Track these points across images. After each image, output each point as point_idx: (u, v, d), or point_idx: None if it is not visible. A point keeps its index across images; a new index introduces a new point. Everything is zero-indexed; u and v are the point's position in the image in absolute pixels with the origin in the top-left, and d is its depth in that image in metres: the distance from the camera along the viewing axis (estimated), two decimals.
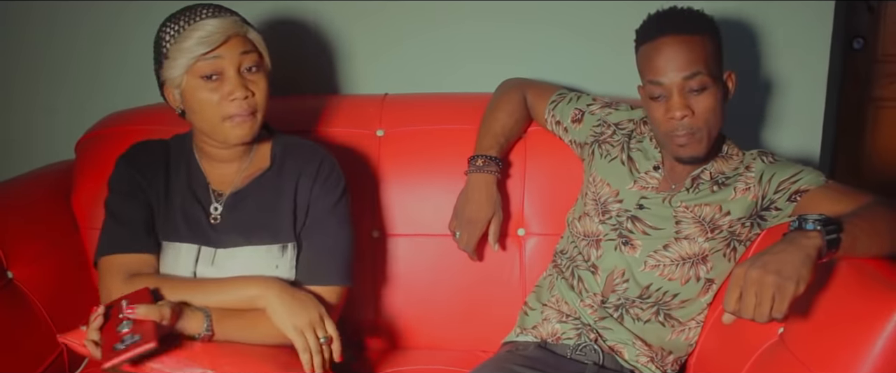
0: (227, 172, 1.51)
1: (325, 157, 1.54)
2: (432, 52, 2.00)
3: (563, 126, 1.71)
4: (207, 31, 1.38)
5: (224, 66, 1.40)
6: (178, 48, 1.38)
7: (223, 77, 1.40)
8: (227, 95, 1.40)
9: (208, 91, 1.40)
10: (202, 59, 1.38)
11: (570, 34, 1.96)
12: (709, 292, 1.54)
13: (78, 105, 2.11)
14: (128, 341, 1.21)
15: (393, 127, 1.81)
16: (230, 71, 1.40)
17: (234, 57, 1.40)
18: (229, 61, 1.40)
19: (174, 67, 1.40)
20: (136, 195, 1.48)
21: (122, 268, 1.41)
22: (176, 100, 1.45)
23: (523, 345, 1.60)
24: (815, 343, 1.22)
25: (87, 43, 2.08)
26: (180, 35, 1.39)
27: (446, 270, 1.77)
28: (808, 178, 1.45)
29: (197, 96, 1.40)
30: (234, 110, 1.40)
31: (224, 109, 1.40)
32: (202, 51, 1.38)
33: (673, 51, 1.42)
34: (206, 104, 1.40)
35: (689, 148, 1.46)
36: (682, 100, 1.43)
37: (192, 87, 1.40)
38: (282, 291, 1.38)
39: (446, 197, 1.71)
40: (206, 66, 1.39)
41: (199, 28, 1.38)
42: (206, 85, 1.40)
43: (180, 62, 1.39)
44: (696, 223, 1.51)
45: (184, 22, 1.39)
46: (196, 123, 1.45)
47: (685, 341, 1.56)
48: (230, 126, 1.42)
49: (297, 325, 1.35)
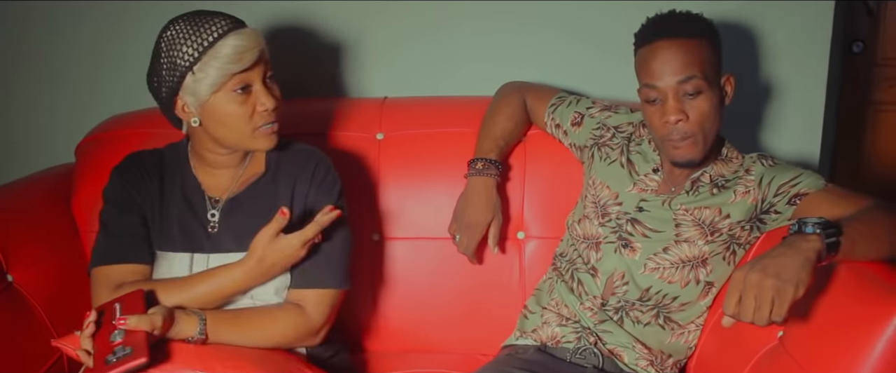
0: (223, 179, 1.51)
1: (321, 160, 1.54)
2: (432, 56, 2.01)
3: (562, 129, 1.71)
4: (240, 47, 1.37)
5: (253, 79, 1.41)
6: (207, 65, 1.37)
7: (252, 90, 1.41)
8: (259, 107, 1.41)
9: (238, 105, 1.40)
10: (236, 75, 1.38)
11: (569, 37, 1.96)
12: (708, 295, 1.54)
13: (78, 108, 2.11)
14: (119, 353, 1.20)
15: (393, 130, 1.81)
16: (257, 83, 1.41)
17: (260, 70, 1.42)
18: (257, 74, 1.41)
19: (201, 84, 1.38)
20: (129, 207, 1.48)
21: (111, 279, 1.42)
22: (190, 112, 1.42)
23: (523, 348, 1.60)
24: (815, 347, 1.22)
25: (88, 45, 2.08)
26: (208, 50, 1.36)
27: (446, 274, 1.77)
28: (807, 181, 1.45)
29: (227, 110, 1.40)
30: (265, 120, 1.42)
31: (255, 121, 1.42)
32: (238, 69, 1.38)
33: (668, 54, 1.42)
34: (236, 118, 1.41)
35: (684, 152, 1.46)
36: (677, 104, 1.43)
37: (221, 102, 1.40)
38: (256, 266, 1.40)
39: (446, 200, 1.71)
40: (238, 80, 1.39)
41: (228, 45, 1.36)
42: (237, 98, 1.40)
43: (210, 80, 1.37)
44: (695, 226, 1.51)
45: (205, 33, 1.37)
46: (219, 134, 1.43)
47: (685, 344, 1.56)
48: (262, 136, 1.43)
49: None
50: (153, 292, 1.38)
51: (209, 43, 1.36)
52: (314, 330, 1.47)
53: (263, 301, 1.47)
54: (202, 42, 1.36)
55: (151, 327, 1.27)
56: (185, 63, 1.37)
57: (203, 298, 1.39)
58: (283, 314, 1.45)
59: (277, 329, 1.43)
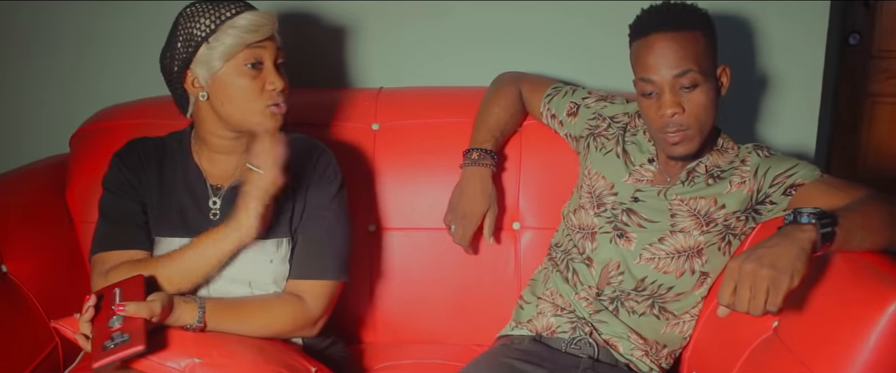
0: (226, 166, 1.51)
1: (323, 151, 1.55)
2: (428, 47, 2.00)
3: (558, 119, 1.71)
4: (256, 22, 1.40)
5: (265, 56, 1.43)
6: (224, 34, 1.39)
7: (263, 68, 1.42)
8: (268, 85, 1.42)
9: (248, 79, 1.41)
10: (249, 48, 1.40)
11: (565, 28, 1.96)
12: (704, 285, 1.54)
13: (72, 99, 2.10)
14: (117, 339, 1.21)
15: (388, 121, 1.81)
16: (269, 62, 1.43)
17: (272, 50, 1.44)
18: (269, 53, 1.43)
19: (214, 53, 1.40)
20: (128, 193, 1.48)
21: (110, 265, 1.43)
22: (199, 86, 1.43)
23: (518, 339, 1.60)
24: (810, 336, 1.22)
25: (82, 36, 2.07)
26: (225, 22, 1.39)
27: (441, 264, 1.77)
28: (802, 172, 1.45)
29: (237, 83, 1.41)
30: (273, 99, 1.43)
31: (264, 98, 1.42)
32: (253, 39, 1.40)
33: (664, 48, 1.42)
34: (245, 91, 1.41)
35: (681, 146, 1.47)
36: (673, 97, 1.43)
37: (231, 74, 1.41)
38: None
39: (441, 191, 1.71)
40: (250, 54, 1.41)
41: (245, 18, 1.40)
42: (248, 72, 1.41)
43: (223, 49, 1.39)
44: (691, 216, 1.51)
45: (224, 11, 1.40)
46: (225, 110, 1.43)
47: (680, 334, 1.57)
48: (268, 114, 1.43)
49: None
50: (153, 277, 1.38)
51: (227, 16, 1.40)
52: (312, 320, 1.47)
53: (262, 291, 1.47)
54: (220, 16, 1.40)
55: (150, 314, 1.27)
56: (202, 33, 1.40)
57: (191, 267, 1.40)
58: (281, 304, 1.45)
59: (276, 319, 1.44)
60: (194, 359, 1.30)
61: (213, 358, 1.31)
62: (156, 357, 1.28)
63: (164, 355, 1.29)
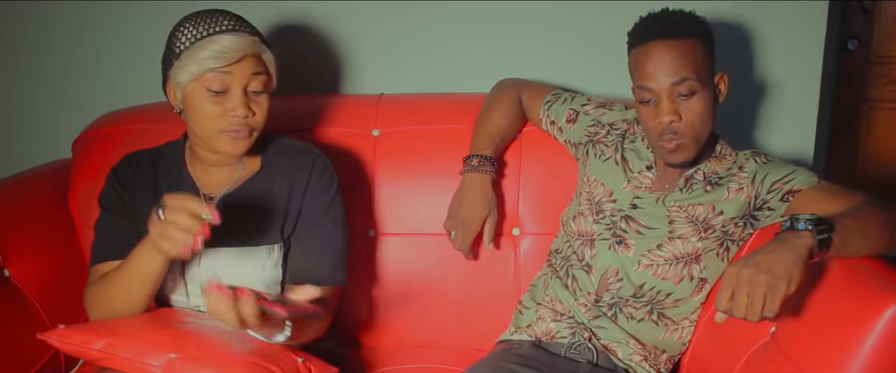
0: (219, 176, 1.52)
1: (317, 157, 1.55)
2: (428, 53, 2.01)
3: (557, 126, 1.72)
4: (223, 47, 1.38)
5: (232, 83, 1.41)
6: (190, 56, 1.38)
7: (228, 93, 1.41)
8: (229, 111, 1.41)
9: (211, 103, 1.40)
10: (212, 72, 1.39)
11: (565, 35, 1.96)
12: (702, 291, 1.55)
13: (76, 104, 2.11)
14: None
15: (389, 127, 1.81)
16: (237, 89, 1.41)
17: (243, 76, 1.41)
18: (238, 79, 1.41)
19: (183, 72, 1.40)
20: (120, 209, 1.50)
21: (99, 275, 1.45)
22: (176, 99, 1.45)
23: (518, 344, 1.61)
24: (807, 342, 1.23)
25: (86, 42, 2.08)
26: (197, 43, 1.39)
27: (441, 270, 1.78)
28: (800, 178, 1.45)
29: (199, 104, 1.41)
30: (232, 126, 1.41)
31: (222, 122, 1.41)
32: (214, 65, 1.38)
33: (662, 56, 1.42)
34: (205, 114, 1.41)
35: (678, 154, 1.47)
36: (671, 105, 1.43)
37: (196, 95, 1.41)
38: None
39: (441, 197, 1.71)
40: (214, 79, 1.39)
41: (216, 41, 1.38)
42: (210, 97, 1.40)
43: (190, 69, 1.39)
44: (689, 223, 1.52)
45: (203, 29, 1.39)
46: (192, 127, 1.46)
47: (679, 340, 1.57)
48: (226, 140, 1.43)
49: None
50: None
51: (202, 36, 1.39)
52: (325, 326, 1.50)
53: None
54: (198, 34, 1.39)
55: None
56: (178, 48, 1.40)
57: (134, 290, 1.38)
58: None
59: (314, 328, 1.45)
60: (171, 354, 1.29)
61: (189, 352, 1.30)
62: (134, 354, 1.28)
63: (142, 351, 1.29)
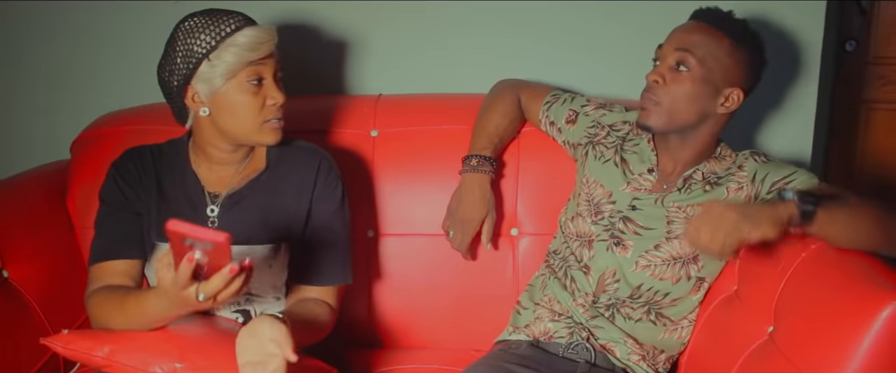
0: (224, 175, 1.52)
1: (324, 158, 1.56)
2: (427, 53, 2.01)
3: (556, 127, 1.72)
4: (257, 38, 1.40)
5: (265, 72, 1.43)
6: (226, 51, 1.39)
7: (263, 83, 1.43)
8: (269, 101, 1.43)
9: (251, 95, 1.42)
10: (251, 65, 1.41)
11: (564, 37, 1.96)
12: (700, 290, 1.55)
13: (74, 105, 2.11)
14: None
15: (387, 127, 1.82)
16: (269, 77, 1.44)
17: (272, 65, 1.44)
18: (269, 68, 1.44)
19: (215, 71, 1.40)
20: (122, 204, 1.49)
21: (103, 275, 1.45)
22: (200, 101, 1.43)
23: (516, 344, 1.61)
24: (804, 342, 1.23)
25: (85, 43, 2.08)
26: (226, 39, 1.39)
27: (440, 270, 1.78)
28: (800, 179, 1.46)
29: (238, 100, 1.42)
30: (274, 114, 1.45)
31: (265, 113, 1.44)
32: (253, 57, 1.40)
33: (689, 29, 1.50)
34: (247, 108, 1.42)
35: (645, 115, 1.51)
36: (664, 67, 1.48)
37: (233, 91, 1.41)
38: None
39: (440, 197, 1.72)
40: (252, 71, 1.41)
41: (245, 35, 1.39)
42: (251, 89, 1.42)
43: (225, 67, 1.39)
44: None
45: (224, 26, 1.40)
46: (227, 125, 1.45)
47: (677, 339, 1.57)
48: (268, 130, 1.45)
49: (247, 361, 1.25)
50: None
51: (227, 33, 1.40)
52: (331, 326, 1.51)
53: (261, 297, 1.50)
54: (220, 32, 1.40)
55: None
56: (203, 50, 1.39)
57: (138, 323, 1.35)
58: (324, 313, 1.49)
59: (323, 327, 1.47)
60: (176, 364, 1.30)
61: (194, 361, 1.30)
62: (138, 362, 1.28)
63: (146, 359, 1.29)
